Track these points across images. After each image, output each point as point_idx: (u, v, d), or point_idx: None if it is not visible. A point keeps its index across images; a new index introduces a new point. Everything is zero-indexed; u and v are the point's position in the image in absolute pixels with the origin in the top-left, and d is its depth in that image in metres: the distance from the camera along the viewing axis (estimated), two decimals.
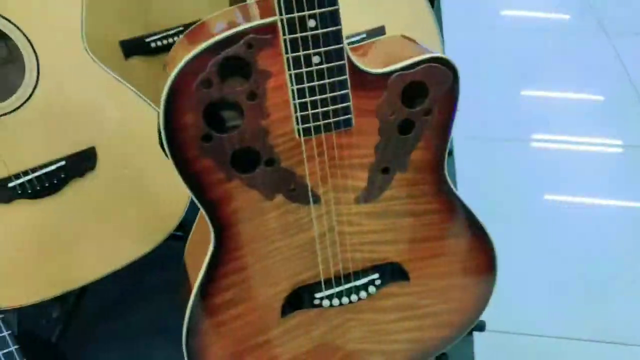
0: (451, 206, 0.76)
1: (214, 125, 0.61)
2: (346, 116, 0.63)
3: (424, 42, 0.69)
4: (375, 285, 0.78)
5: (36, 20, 0.84)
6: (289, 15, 0.55)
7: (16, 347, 0.60)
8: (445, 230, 0.78)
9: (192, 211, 1.06)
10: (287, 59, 0.58)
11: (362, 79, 0.63)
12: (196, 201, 0.65)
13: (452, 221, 0.78)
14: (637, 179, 1.53)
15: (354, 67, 0.62)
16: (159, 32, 1.32)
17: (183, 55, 0.59)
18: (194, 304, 0.72)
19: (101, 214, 1.00)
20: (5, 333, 0.58)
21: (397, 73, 0.63)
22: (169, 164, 1.05)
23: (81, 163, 0.94)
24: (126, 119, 0.96)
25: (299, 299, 0.76)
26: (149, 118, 0.99)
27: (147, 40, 1.31)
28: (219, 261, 0.70)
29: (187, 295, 0.77)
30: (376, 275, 0.78)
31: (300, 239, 0.72)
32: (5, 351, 0.59)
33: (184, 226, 1.17)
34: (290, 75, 0.59)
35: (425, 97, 0.66)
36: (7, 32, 0.83)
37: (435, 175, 0.73)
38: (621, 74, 1.92)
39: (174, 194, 1.06)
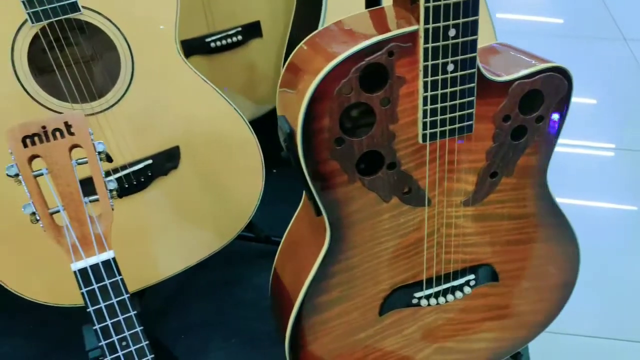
0: (547, 210, 0.79)
1: (346, 129, 0.63)
2: (468, 122, 0.65)
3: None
4: (470, 286, 0.80)
5: (134, 21, 0.85)
6: (435, 25, 0.57)
7: (141, 327, 0.61)
8: (538, 233, 0.81)
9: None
10: (425, 66, 0.60)
11: (485, 86, 0.65)
12: (318, 202, 0.66)
13: (546, 225, 0.80)
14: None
15: (480, 75, 0.64)
16: (218, 33, 1.34)
17: (317, 60, 0.61)
18: (302, 302, 0.74)
19: (180, 212, 1.01)
20: (132, 313, 0.60)
21: (518, 81, 0.65)
22: (242, 164, 1.08)
23: (166, 162, 0.95)
24: (209, 119, 0.97)
25: (398, 298, 0.78)
26: (230, 118, 1.00)
27: (207, 40, 1.32)
28: (331, 261, 0.72)
29: (282, 296, 0.79)
30: (472, 277, 0.80)
31: (407, 240, 0.74)
32: (131, 332, 0.60)
33: (251, 226, 1.20)
34: (425, 82, 0.61)
35: (541, 104, 0.68)
36: (106, 31, 0.84)
37: (536, 180, 0.75)
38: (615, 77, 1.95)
39: (246, 194, 1.08)
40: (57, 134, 0.60)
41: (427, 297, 0.79)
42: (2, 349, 1.20)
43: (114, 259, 0.60)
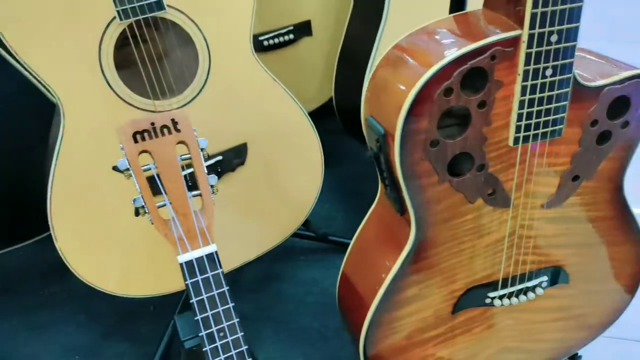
0: (622, 214, 0.80)
1: (441, 131, 0.64)
2: (560, 126, 0.66)
3: None
4: (542, 287, 0.82)
5: (213, 19, 0.87)
6: (540, 30, 0.58)
7: (237, 319, 0.62)
8: (611, 237, 0.82)
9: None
10: (525, 70, 0.61)
11: (577, 91, 0.66)
12: (407, 201, 0.68)
13: (619, 228, 0.81)
14: None
15: (574, 80, 0.65)
16: (271, 31, 1.35)
17: (417, 63, 0.62)
18: (380, 299, 0.75)
19: (243, 207, 1.03)
20: (230, 305, 0.62)
21: (609, 87, 0.67)
22: (304, 162, 1.10)
23: (235, 158, 0.97)
24: (276, 116, 0.99)
25: (472, 297, 0.80)
26: (295, 116, 1.02)
27: (261, 38, 1.34)
28: (412, 259, 0.73)
29: (356, 294, 0.81)
30: (545, 278, 0.81)
31: (486, 240, 0.75)
32: (229, 323, 0.62)
33: (306, 223, 1.21)
34: (524, 86, 0.62)
35: (627, 110, 0.69)
36: (187, 29, 0.85)
37: (614, 184, 0.77)
38: None
39: (305, 190, 1.09)
40: (165, 130, 0.62)
41: (501, 297, 0.80)
42: (58, 338, 1.23)
43: (216, 252, 0.62)
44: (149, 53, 0.88)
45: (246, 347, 0.66)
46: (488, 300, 0.80)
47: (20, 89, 1.01)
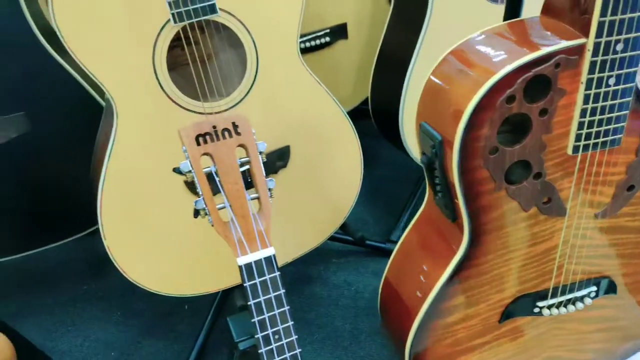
0: None
1: (501, 138, 0.64)
2: (619, 135, 0.66)
3: None
4: (590, 298, 0.81)
5: (262, 23, 0.87)
6: (607, 39, 0.57)
7: (292, 322, 0.63)
8: None
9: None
10: (589, 79, 0.60)
11: (637, 100, 0.65)
12: (462, 208, 0.68)
13: None
14: None
15: (635, 89, 0.64)
16: (308, 34, 1.36)
17: (478, 70, 0.62)
18: (429, 306, 0.75)
19: (284, 210, 1.03)
20: (286, 308, 0.62)
21: None
22: (344, 165, 1.10)
23: (278, 160, 0.98)
24: (319, 119, 0.99)
25: (520, 306, 0.79)
26: (337, 120, 1.02)
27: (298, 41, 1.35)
28: (463, 266, 0.73)
29: (401, 301, 0.81)
30: (594, 288, 0.80)
31: (537, 249, 0.75)
32: (284, 325, 0.62)
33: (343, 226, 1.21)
34: (587, 94, 0.61)
35: None
36: (237, 32, 0.86)
37: None
38: None
39: (344, 194, 1.10)
40: (226, 133, 0.63)
41: (550, 306, 0.80)
42: (94, 335, 1.24)
43: (274, 255, 0.63)
44: (200, 55, 0.89)
45: (299, 350, 0.66)
46: (536, 310, 0.80)
47: (66, 91, 1.04)
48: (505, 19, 0.77)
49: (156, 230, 0.93)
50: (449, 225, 0.74)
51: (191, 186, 0.93)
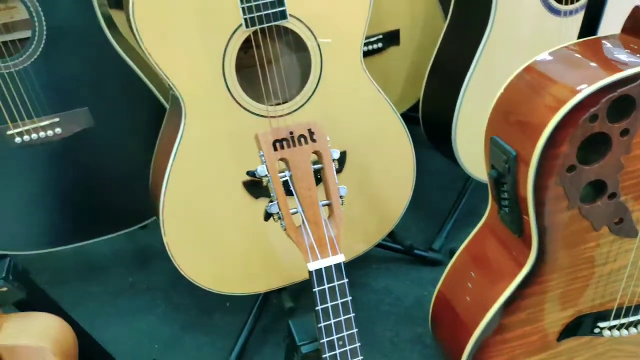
0: None
1: (579, 156, 0.63)
2: None
3: None
4: None
5: (329, 29, 0.88)
6: None
7: (356, 329, 0.64)
8: None
9: None
10: None
11: None
12: (533, 225, 0.67)
13: None
14: None
15: None
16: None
17: (559, 88, 0.61)
18: (489, 321, 0.75)
19: None
20: (351, 315, 0.63)
21: None
22: (397, 173, 1.10)
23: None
24: (377, 127, 1.00)
25: (581, 325, 0.78)
26: (394, 128, 1.02)
27: None
28: (528, 283, 0.72)
29: (457, 314, 0.80)
30: None
31: (604, 270, 0.74)
32: (349, 332, 0.63)
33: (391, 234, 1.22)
34: None
35: None
36: (303, 37, 0.87)
37: None
38: None
39: (395, 201, 1.10)
40: (302, 140, 0.63)
41: (611, 327, 0.78)
42: (139, 325, 1.27)
43: (343, 262, 0.63)
44: (268, 59, 0.91)
45: (361, 357, 0.67)
46: (597, 330, 0.78)
47: (129, 88, 1.06)
48: (581, 35, 0.76)
49: (213, 230, 0.95)
50: (515, 240, 0.73)
51: (251, 188, 0.94)
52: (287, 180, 0.62)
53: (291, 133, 0.63)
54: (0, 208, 1.04)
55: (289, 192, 0.95)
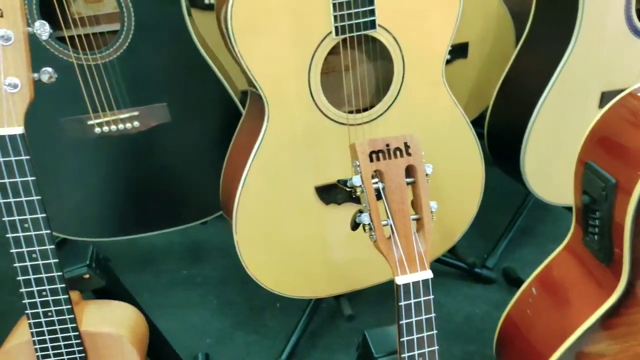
0: None
1: None
2: None
3: None
4: None
5: (415, 41, 0.88)
6: None
7: (437, 347, 0.63)
8: None
9: None
10: None
11: None
12: (626, 256, 0.65)
13: None
14: None
15: None
16: None
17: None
18: (565, 351, 0.73)
19: None
20: (434, 332, 0.62)
21: None
22: (465, 188, 1.08)
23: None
24: (451, 141, 0.99)
25: None
26: (468, 144, 1.01)
27: None
28: (613, 314, 0.70)
29: (529, 341, 0.78)
30: None
31: None
32: (430, 349, 0.62)
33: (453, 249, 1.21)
34: None
35: None
36: (389, 47, 0.87)
37: None
38: None
39: (459, 217, 1.09)
40: (398, 152, 0.63)
41: None
42: (191, 318, 1.29)
43: (430, 278, 0.63)
44: (349, 66, 0.91)
45: None
46: None
47: (206, 88, 1.08)
48: None
49: (281, 232, 0.96)
50: (600, 268, 0.71)
51: (323, 194, 0.95)
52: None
53: (387, 145, 0.63)
54: (73, 194, 1.07)
55: (359, 201, 0.97)
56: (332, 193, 0.94)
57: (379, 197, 0.63)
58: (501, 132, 1.26)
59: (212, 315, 1.30)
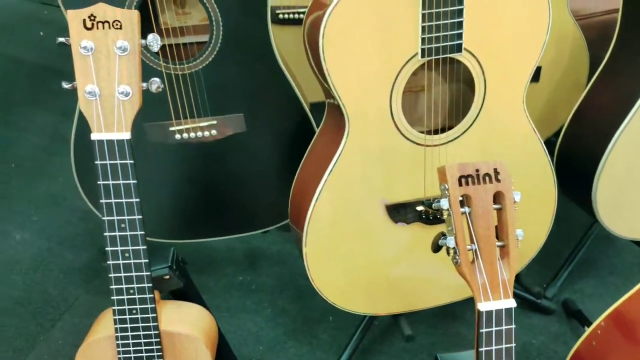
0: None
1: None
2: None
3: None
4: None
5: (499, 65, 0.88)
6: None
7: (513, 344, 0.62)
8: None
9: None
10: None
11: None
12: None
13: None
14: None
15: None
16: None
17: None
18: None
19: None
20: (513, 345, 0.62)
21: None
22: (535, 215, 1.06)
23: None
24: (527, 168, 0.97)
25: None
26: (543, 170, 1.00)
27: None
28: None
29: None
30: None
31: None
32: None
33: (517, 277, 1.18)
34: None
35: None
36: (472, 70, 0.88)
37: None
38: None
39: (527, 244, 1.07)
40: (487, 178, 0.64)
41: None
42: (246, 324, 1.32)
43: (513, 307, 0.63)
44: (429, 87, 0.92)
45: None
46: None
47: (283, 102, 1.11)
48: None
49: (349, 247, 0.97)
50: None
51: (393, 212, 0.95)
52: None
53: (477, 170, 0.63)
54: (150, 196, 1.12)
55: (427, 221, 0.97)
56: (402, 212, 0.94)
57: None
58: (573, 160, 1.23)
59: (266, 323, 1.32)
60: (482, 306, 0.62)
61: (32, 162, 1.73)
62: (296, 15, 1.38)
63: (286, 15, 1.38)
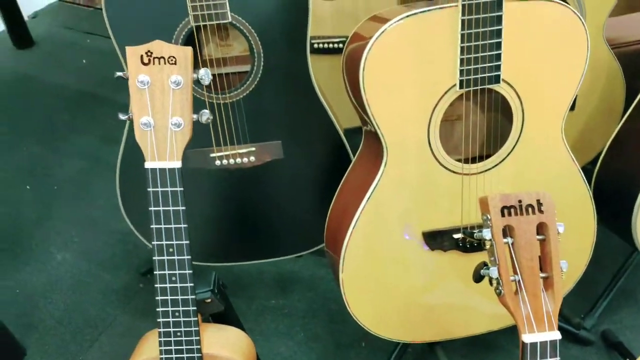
0: None
1: None
2: None
3: None
4: None
5: (537, 97, 0.89)
6: None
7: None
8: None
9: None
10: None
11: None
12: None
13: None
14: None
15: None
16: None
17: None
18: None
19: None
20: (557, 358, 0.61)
21: None
22: (573, 247, 1.05)
23: None
24: (565, 198, 0.95)
25: None
26: (582, 201, 1.00)
27: None
28: None
29: None
30: None
31: None
32: None
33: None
34: None
35: None
36: (509, 100, 0.89)
37: None
38: None
39: (568, 272, 1.05)
40: (530, 209, 0.64)
41: None
42: (279, 348, 1.32)
43: (559, 340, 0.62)
44: (470, 116, 0.93)
45: None
46: None
47: (320, 130, 1.14)
48: None
49: (385, 273, 0.97)
50: None
51: (429, 240, 0.96)
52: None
53: (520, 201, 0.63)
54: (191, 220, 1.15)
55: (464, 249, 0.96)
56: (439, 239, 0.95)
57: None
58: (611, 189, 1.21)
59: (298, 347, 1.32)
60: (527, 338, 0.61)
61: (73, 185, 1.80)
62: (331, 45, 1.43)
63: (321, 45, 1.43)
